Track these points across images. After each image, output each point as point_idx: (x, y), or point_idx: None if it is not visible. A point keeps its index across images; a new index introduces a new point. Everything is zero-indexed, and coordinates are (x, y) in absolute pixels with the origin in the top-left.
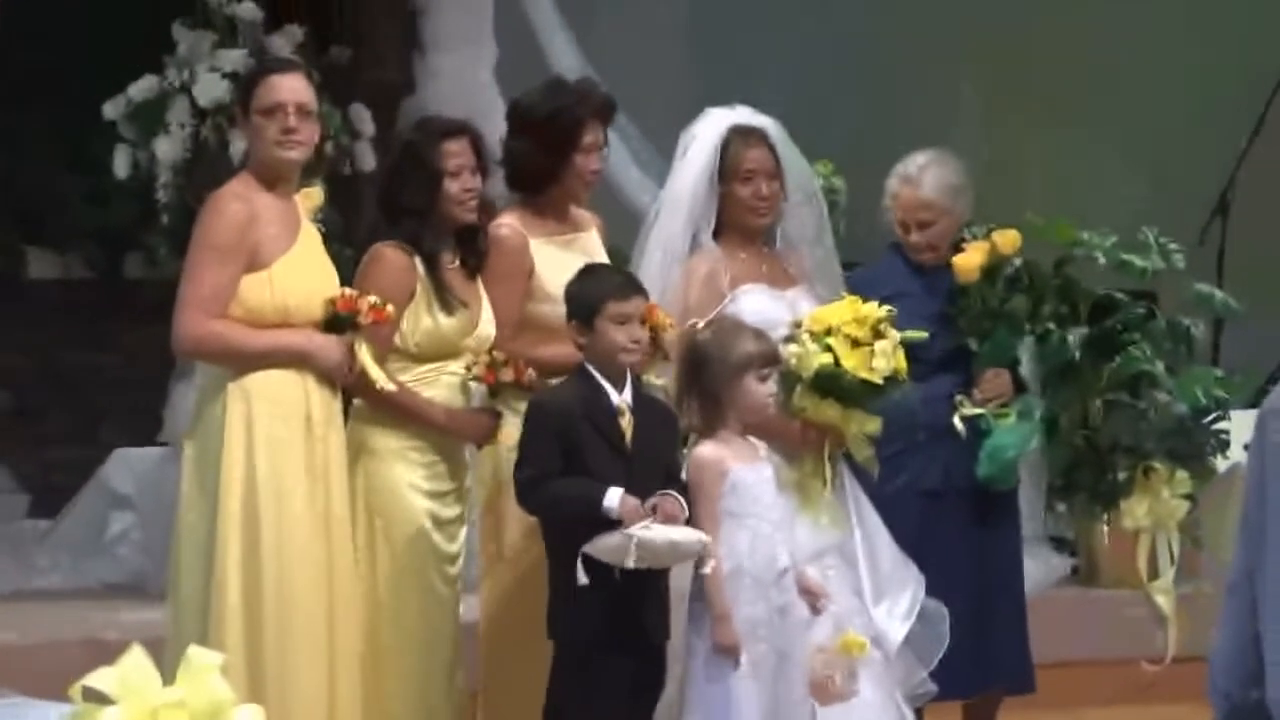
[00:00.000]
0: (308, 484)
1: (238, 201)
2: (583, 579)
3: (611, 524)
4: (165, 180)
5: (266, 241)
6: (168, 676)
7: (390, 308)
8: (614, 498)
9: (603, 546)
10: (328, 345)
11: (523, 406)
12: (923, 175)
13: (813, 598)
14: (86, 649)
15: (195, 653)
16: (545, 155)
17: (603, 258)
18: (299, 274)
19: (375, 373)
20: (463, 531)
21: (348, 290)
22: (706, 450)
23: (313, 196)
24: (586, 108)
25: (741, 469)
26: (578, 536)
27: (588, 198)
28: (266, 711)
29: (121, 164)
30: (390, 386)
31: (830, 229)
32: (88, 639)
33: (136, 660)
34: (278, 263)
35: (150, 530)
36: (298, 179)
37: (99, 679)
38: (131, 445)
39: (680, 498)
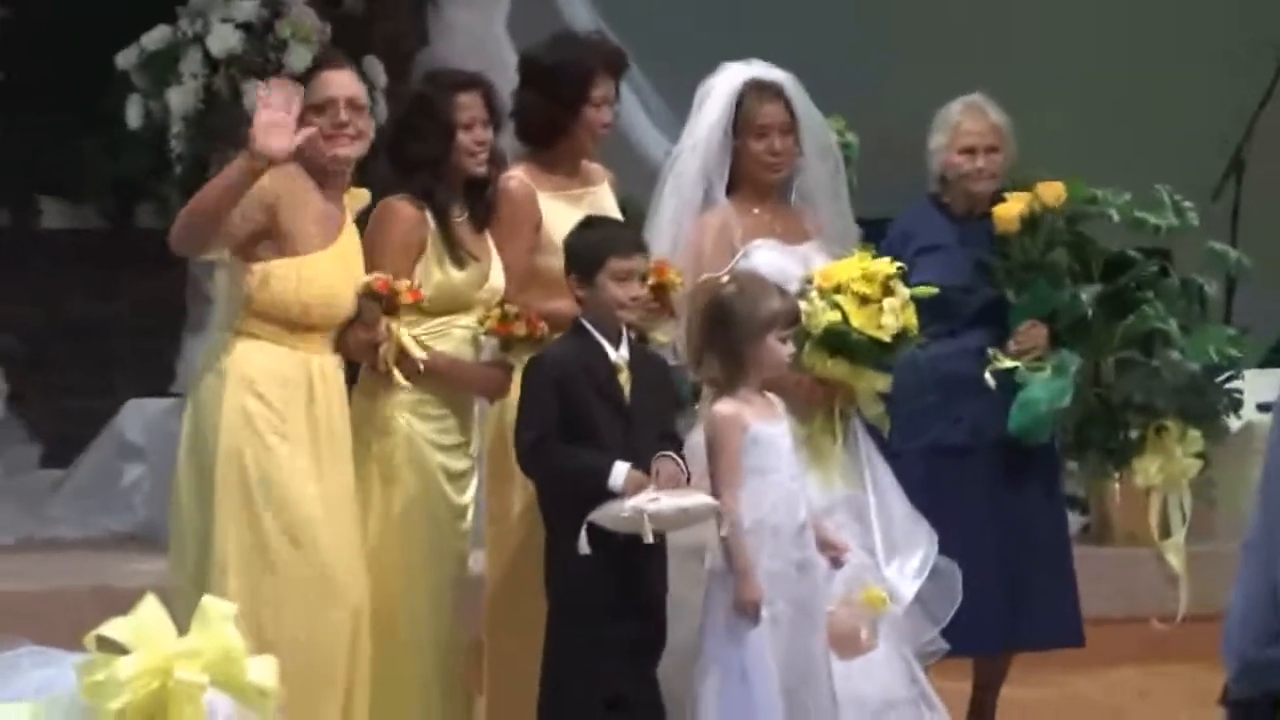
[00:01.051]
0: (310, 439)
1: (280, 172)
2: (585, 548)
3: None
4: (178, 130)
5: (300, 234)
6: (179, 626)
7: (421, 289)
8: (619, 474)
9: (610, 517)
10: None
11: None
12: (985, 105)
13: (834, 551)
14: (99, 598)
15: (210, 603)
16: (555, 107)
17: (614, 213)
18: (326, 275)
19: (418, 352)
20: (473, 485)
21: (380, 275)
22: (725, 407)
23: (359, 198)
24: (596, 59)
25: (760, 424)
26: (579, 503)
27: (595, 151)
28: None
29: (134, 114)
30: (421, 355)
31: (846, 184)
32: (100, 588)
33: (151, 610)
34: (309, 258)
35: (161, 481)
36: (349, 179)
37: (114, 628)
38: (144, 395)
39: (678, 458)
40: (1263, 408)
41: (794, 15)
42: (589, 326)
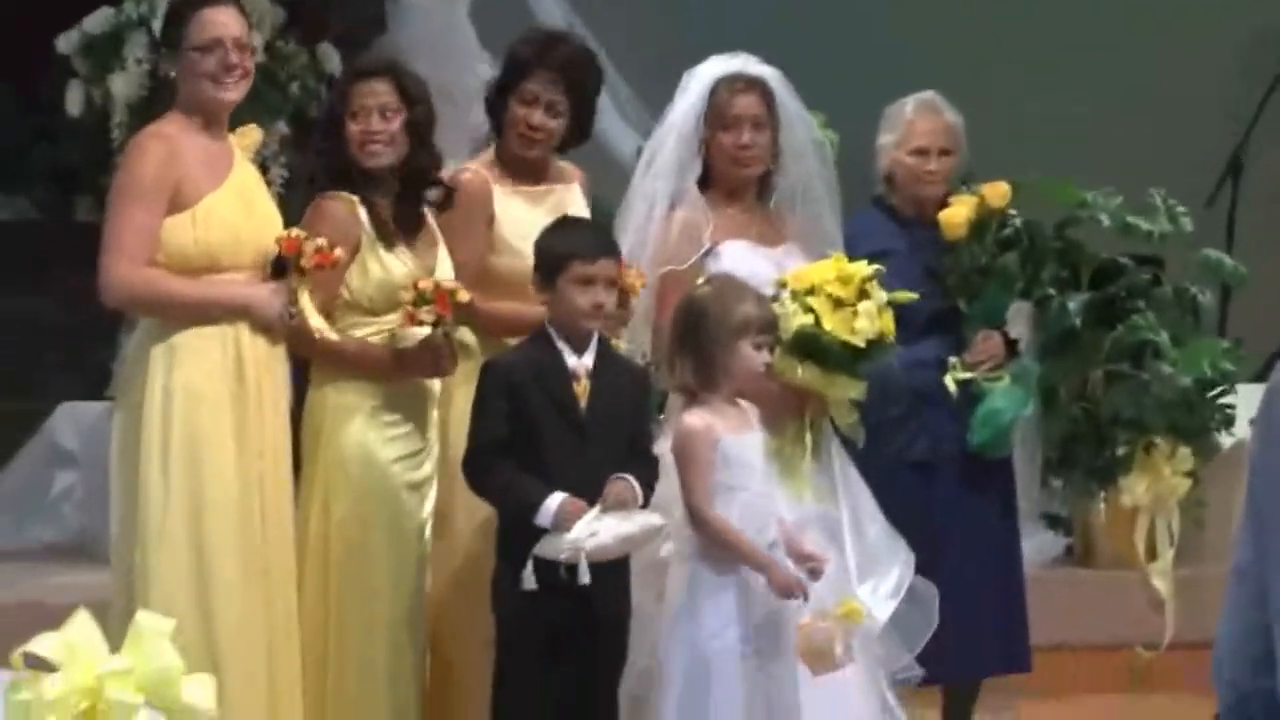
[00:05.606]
0: (236, 445)
1: (158, 140)
2: (530, 584)
3: None
4: (120, 119)
5: (189, 181)
6: (113, 643)
7: (339, 251)
8: (548, 511)
9: (551, 550)
10: (267, 296)
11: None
12: (940, 104)
13: (811, 562)
14: (27, 613)
15: (144, 619)
16: (495, 96)
17: (582, 213)
18: (226, 215)
19: (315, 320)
20: (433, 493)
21: (294, 230)
22: (696, 419)
23: (249, 134)
24: (535, 52)
25: (730, 438)
26: (517, 530)
27: (537, 154)
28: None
29: (74, 101)
30: (330, 335)
31: (832, 185)
32: (28, 602)
33: (82, 625)
34: (202, 203)
35: (94, 489)
36: (228, 117)
37: (42, 644)
38: (78, 399)
39: (633, 480)
40: None
41: (782, 16)
42: (551, 331)
